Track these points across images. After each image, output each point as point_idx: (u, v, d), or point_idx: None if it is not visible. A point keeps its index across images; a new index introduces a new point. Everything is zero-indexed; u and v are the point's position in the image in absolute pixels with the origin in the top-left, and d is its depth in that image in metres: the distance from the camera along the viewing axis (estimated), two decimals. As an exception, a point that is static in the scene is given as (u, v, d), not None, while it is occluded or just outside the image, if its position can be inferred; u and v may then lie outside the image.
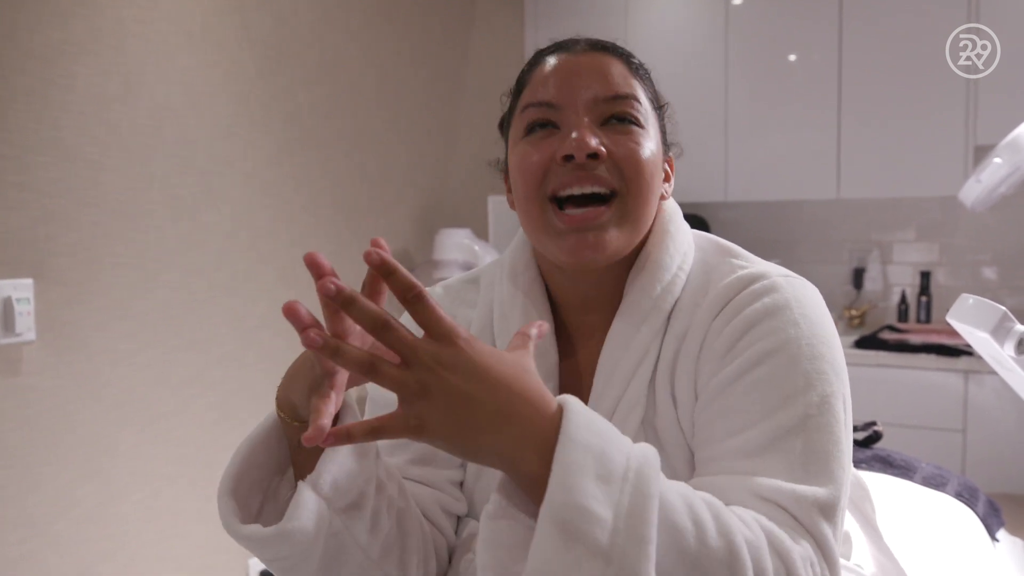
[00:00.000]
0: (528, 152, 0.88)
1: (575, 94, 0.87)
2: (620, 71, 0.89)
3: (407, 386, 0.61)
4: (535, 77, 0.91)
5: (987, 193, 1.87)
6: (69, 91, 1.95)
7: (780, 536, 0.68)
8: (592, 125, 0.86)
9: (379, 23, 2.99)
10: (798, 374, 0.78)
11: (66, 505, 1.96)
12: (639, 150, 0.87)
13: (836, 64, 3.28)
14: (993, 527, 1.60)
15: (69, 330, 1.96)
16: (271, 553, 0.76)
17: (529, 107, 0.89)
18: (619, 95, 0.87)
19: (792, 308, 0.82)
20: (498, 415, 0.62)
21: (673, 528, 0.63)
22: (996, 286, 3.37)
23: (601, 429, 0.64)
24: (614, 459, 0.62)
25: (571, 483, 0.60)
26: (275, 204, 2.55)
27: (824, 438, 0.76)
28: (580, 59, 0.90)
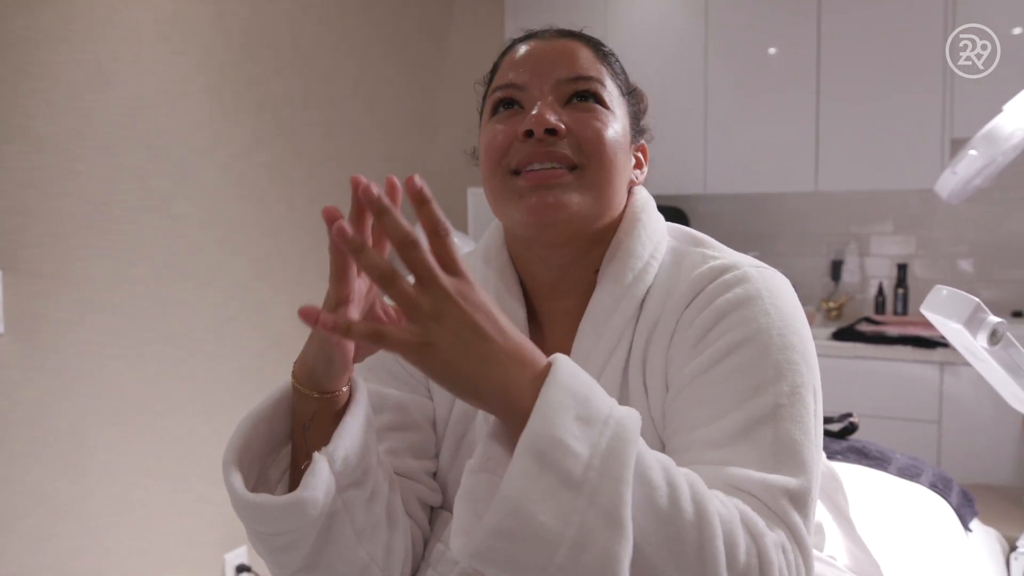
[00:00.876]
0: (494, 131, 0.90)
1: (540, 75, 0.89)
2: (587, 55, 0.91)
3: (421, 306, 0.61)
4: (505, 63, 0.93)
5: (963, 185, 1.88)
6: (40, 79, 1.92)
7: (754, 518, 0.69)
8: (555, 104, 0.88)
9: (356, 12, 2.96)
10: (769, 364, 0.78)
11: (39, 500, 1.93)
12: (601, 128, 0.87)
13: (815, 57, 3.28)
14: (966, 517, 1.61)
15: (40, 323, 1.93)
16: (276, 525, 0.75)
17: (497, 90, 0.91)
18: (583, 76, 0.89)
19: (763, 298, 0.82)
20: (503, 352, 0.64)
21: (648, 484, 0.64)
22: (972, 278, 3.39)
23: (588, 381, 0.66)
24: (597, 406, 0.65)
25: (552, 417, 0.62)
26: (249, 195, 2.52)
27: (794, 428, 0.75)
28: (548, 43, 0.92)
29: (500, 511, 0.60)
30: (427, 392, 0.97)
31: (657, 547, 0.64)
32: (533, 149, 0.85)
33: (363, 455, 0.78)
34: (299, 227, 2.71)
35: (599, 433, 0.63)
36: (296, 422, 0.80)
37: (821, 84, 3.28)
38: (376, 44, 3.07)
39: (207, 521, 2.37)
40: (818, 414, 0.80)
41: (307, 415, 0.78)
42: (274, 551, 0.79)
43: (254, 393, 2.53)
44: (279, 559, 0.80)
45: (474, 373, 0.63)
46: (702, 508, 0.65)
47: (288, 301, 2.66)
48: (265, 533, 0.77)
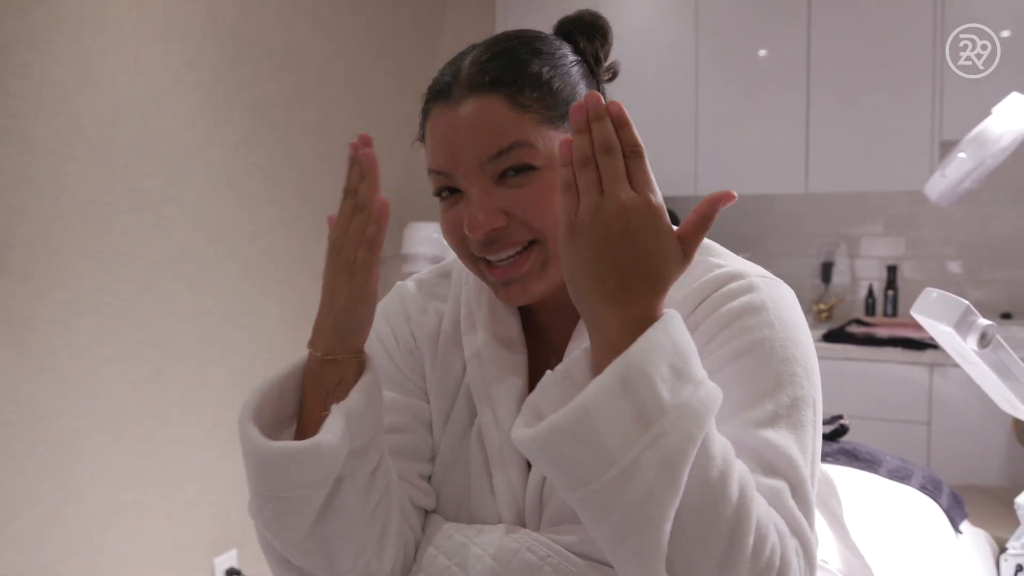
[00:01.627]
0: (444, 217, 0.88)
1: (459, 161, 0.83)
2: (500, 115, 0.82)
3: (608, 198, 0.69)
4: (428, 134, 0.88)
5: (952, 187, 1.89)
6: (26, 80, 1.90)
7: (781, 523, 0.70)
8: (487, 186, 0.83)
9: (347, 13, 2.96)
10: (769, 374, 0.78)
11: (27, 503, 1.92)
12: (542, 198, 0.82)
13: (805, 59, 3.29)
14: (956, 519, 1.61)
15: (29, 324, 1.92)
16: (291, 478, 0.77)
17: (430, 172, 0.88)
18: (502, 150, 0.81)
19: (768, 309, 0.82)
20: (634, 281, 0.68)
21: (706, 453, 0.65)
22: (961, 280, 3.41)
23: (691, 343, 0.69)
24: (694, 366, 0.67)
25: (649, 354, 0.65)
26: (239, 196, 2.51)
27: (792, 438, 0.75)
28: (457, 114, 0.83)
29: (571, 415, 0.64)
30: (423, 395, 0.97)
31: (691, 513, 0.65)
32: (484, 247, 0.84)
33: (369, 422, 0.81)
34: (290, 229, 2.70)
35: (686, 389, 0.65)
36: (316, 393, 0.82)
37: (811, 86, 3.29)
38: (367, 45, 3.06)
39: (197, 524, 2.36)
40: (817, 428, 0.79)
41: (333, 382, 0.81)
42: (281, 514, 0.79)
43: (244, 396, 2.51)
44: (284, 524, 0.80)
45: (601, 282, 0.68)
46: (746, 495, 0.66)
47: (279, 303, 2.65)
48: (278, 490, 0.78)
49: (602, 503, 0.64)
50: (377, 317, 1.01)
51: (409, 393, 0.97)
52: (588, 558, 0.82)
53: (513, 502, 0.88)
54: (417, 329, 0.99)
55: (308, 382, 0.83)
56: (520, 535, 0.84)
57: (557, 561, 0.81)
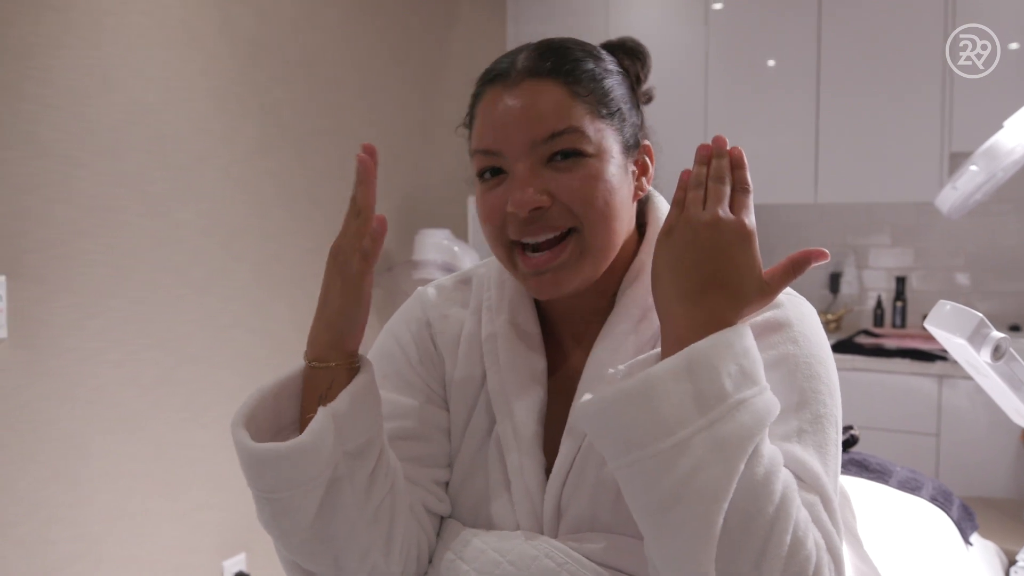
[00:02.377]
0: (484, 198, 0.88)
1: (511, 140, 0.85)
2: (557, 99, 0.84)
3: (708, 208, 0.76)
4: (478, 116, 0.90)
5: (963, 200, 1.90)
6: (44, 85, 1.92)
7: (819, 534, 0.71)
8: (535, 167, 0.84)
9: (359, 20, 2.97)
10: (794, 390, 0.79)
11: (35, 505, 1.93)
12: (588, 184, 0.84)
13: (814, 70, 3.30)
14: (967, 531, 1.61)
15: (41, 328, 1.93)
16: (281, 475, 0.78)
17: (476, 153, 0.89)
18: (556, 132, 0.84)
19: (793, 326, 0.83)
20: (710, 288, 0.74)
21: (757, 454, 0.68)
22: (969, 291, 3.41)
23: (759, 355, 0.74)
24: (760, 371, 0.72)
25: (720, 349, 0.70)
26: (250, 201, 2.52)
27: (815, 454, 0.76)
28: (514, 94, 0.85)
29: (637, 384, 0.69)
30: (442, 402, 0.98)
31: (734, 507, 0.67)
32: (524, 226, 0.85)
33: (365, 423, 0.82)
34: (301, 233, 2.71)
35: (750, 389, 0.70)
36: (311, 399, 0.83)
37: (821, 97, 3.30)
38: (379, 52, 3.08)
39: (206, 528, 2.37)
40: (838, 446, 0.80)
41: (324, 386, 0.83)
42: (279, 515, 0.80)
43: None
44: (283, 525, 0.81)
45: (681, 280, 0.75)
46: (788, 498, 0.68)
47: (288, 307, 2.66)
48: (270, 491, 0.79)
49: (653, 470, 0.67)
50: (398, 323, 1.02)
51: (427, 399, 0.97)
52: (606, 566, 0.82)
53: (531, 509, 0.88)
54: (437, 336, 1.00)
55: (305, 388, 0.85)
56: (539, 542, 0.85)
57: (575, 568, 0.82)
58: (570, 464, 0.87)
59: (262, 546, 2.55)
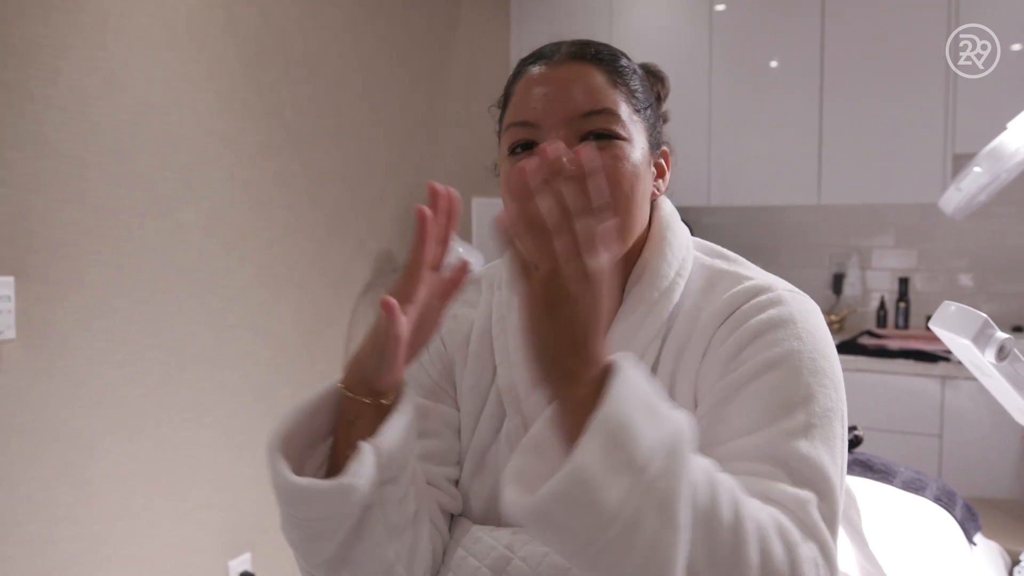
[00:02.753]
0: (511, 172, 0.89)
1: (550, 112, 0.87)
2: (598, 82, 0.88)
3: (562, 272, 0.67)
4: (517, 92, 0.91)
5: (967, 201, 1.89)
6: (50, 86, 1.93)
7: (789, 527, 0.70)
8: (569, 142, 0.85)
9: (364, 21, 2.98)
10: (800, 385, 0.80)
11: (41, 505, 1.94)
12: (617, 165, 0.86)
13: (818, 71, 3.31)
14: (970, 531, 1.61)
15: (48, 328, 1.94)
16: (318, 510, 0.78)
17: (511, 126, 0.90)
18: (594, 110, 0.86)
19: (796, 322, 0.84)
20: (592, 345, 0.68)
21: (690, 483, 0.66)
22: (972, 292, 3.41)
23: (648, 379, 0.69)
24: (661, 403, 0.68)
25: (625, 403, 0.65)
26: (255, 202, 2.53)
27: (824, 449, 0.77)
28: (557, 72, 0.89)
29: (568, 479, 0.63)
30: (453, 402, 0.99)
31: (693, 544, 0.66)
32: None
33: (404, 454, 0.81)
34: (305, 235, 2.72)
35: (664, 428, 0.66)
36: (341, 419, 0.83)
37: (824, 98, 3.30)
38: (383, 54, 3.08)
39: (211, 528, 2.37)
40: (844, 439, 0.81)
41: (353, 413, 0.82)
42: (307, 539, 0.81)
43: (257, 400, 2.53)
44: (311, 548, 0.82)
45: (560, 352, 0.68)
46: (740, 513, 0.67)
47: (292, 309, 2.66)
48: (304, 519, 0.79)
49: (612, 558, 0.64)
50: None
51: (438, 399, 0.98)
52: None
53: None
54: (447, 335, 1.01)
55: (340, 405, 0.84)
56: None
57: None
58: None
59: (267, 546, 2.56)
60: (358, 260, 2.99)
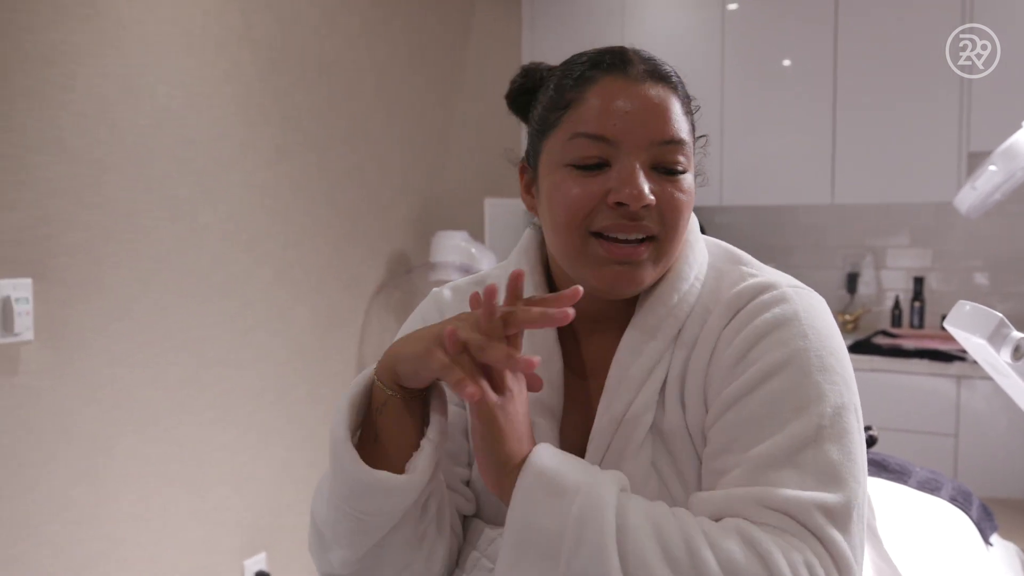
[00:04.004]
0: (574, 185, 0.86)
1: (632, 133, 0.84)
2: (677, 111, 0.87)
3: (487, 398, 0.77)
4: (589, 99, 0.86)
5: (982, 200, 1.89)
6: (69, 91, 1.95)
7: (757, 538, 0.71)
8: (646, 168, 0.85)
9: (378, 26, 3.00)
10: (809, 386, 0.79)
11: (61, 506, 1.96)
12: (679, 197, 0.86)
13: (831, 69, 3.30)
14: (987, 531, 1.61)
15: (67, 330, 1.96)
16: (383, 504, 0.80)
17: (581, 137, 0.86)
18: (674, 140, 0.85)
19: (801, 320, 0.83)
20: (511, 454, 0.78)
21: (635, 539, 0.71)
22: (987, 292, 3.39)
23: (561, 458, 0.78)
24: (565, 479, 0.75)
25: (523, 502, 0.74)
26: (272, 205, 2.55)
27: (835, 448, 0.77)
28: (640, 91, 0.86)
29: None
30: (460, 401, 0.99)
31: None
32: (622, 221, 0.84)
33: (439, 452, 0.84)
34: (321, 237, 2.74)
35: (570, 502, 0.72)
36: (372, 406, 0.84)
37: (837, 96, 3.29)
38: (397, 58, 3.10)
39: (227, 528, 2.39)
40: (860, 433, 0.80)
41: (380, 401, 0.83)
42: (357, 532, 0.84)
43: (275, 402, 2.55)
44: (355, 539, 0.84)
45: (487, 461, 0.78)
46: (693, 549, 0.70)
47: (309, 311, 2.68)
48: (363, 512, 0.82)
49: None
50: (414, 323, 1.03)
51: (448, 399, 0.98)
52: None
53: None
54: None
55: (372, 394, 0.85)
56: None
57: None
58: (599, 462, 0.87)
59: (283, 545, 2.58)
60: (372, 262, 3.00)
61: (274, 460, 2.56)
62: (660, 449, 0.87)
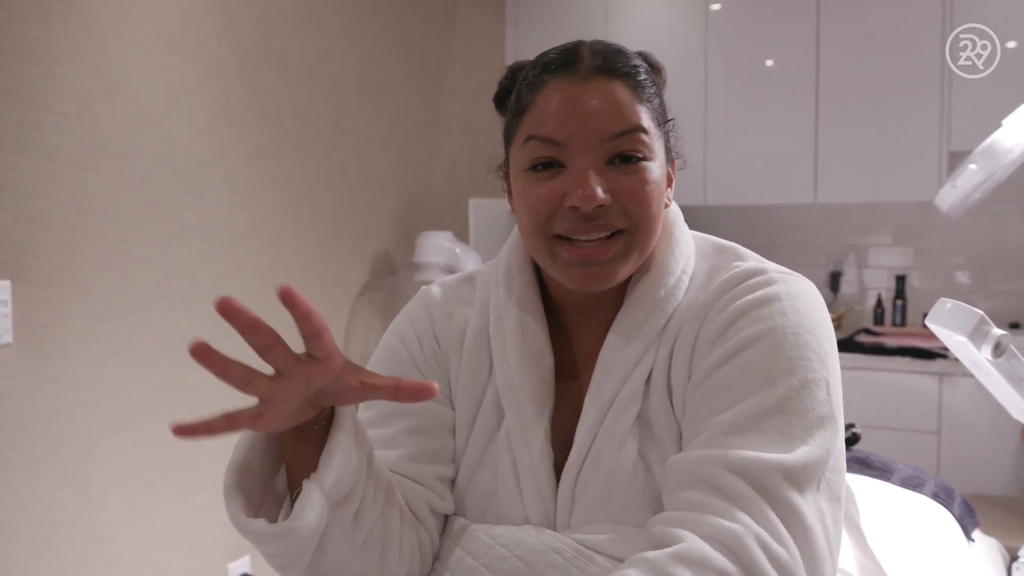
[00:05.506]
0: (533, 189, 0.87)
1: (580, 131, 0.84)
2: (626, 99, 0.85)
3: None
4: (539, 103, 0.87)
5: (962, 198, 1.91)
6: (50, 91, 1.93)
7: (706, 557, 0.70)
8: (598, 166, 0.84)
9: (361, 24, 2.99)
10: (781, 359, 0.80)
11: (45, 508, 1.94)
12: (646, 189, 0.85)
13: (813, 69, 3.32)
14: (969, 527, 1.62)
15: (47, 332, 1.94)
16: (275, 548, 0.79)
17: (533, 140, 0.86)
18: (625, 131, 0.84)
19: (782, 300, 0.84)
20: None
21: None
22: (969, 290, 3.42)
23: None
24: None
25: None
26: (253, 205, 2.54)
27: (800, 420, 0.77)
28: (585, 89, 0.85)
29: None
30: (447, 400, 0.98)
31: None
32: (579, 223, 0.84)
33: (353, 472, 0.80)
34: (304, 237, 2.73)
35: None
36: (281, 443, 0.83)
37: (820, 96, 3.31)
38: (380, 57, 3.09)
39: (211, 530, 2.38)
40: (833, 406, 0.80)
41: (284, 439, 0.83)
42: (280, 566, 0.84)
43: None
44: (285, 571, 0.84)
45: None
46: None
47: (292, 311, 2.67)
48: (266, 553, 0.82)
49: None
50: (402, 321, 1.03)
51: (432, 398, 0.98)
52: (614, 558, 0.83)
53: (540, 502, 0.89)
54: (442, 333, 1.00)
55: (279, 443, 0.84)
56: (546, 536, 0.86)
57: (583, 563, 0.83)
58: (586, 453, 0.88)
59: (267, 548, 2.57)
60: (355, 262, 2.99)
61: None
62: (647, 438, 0.87)
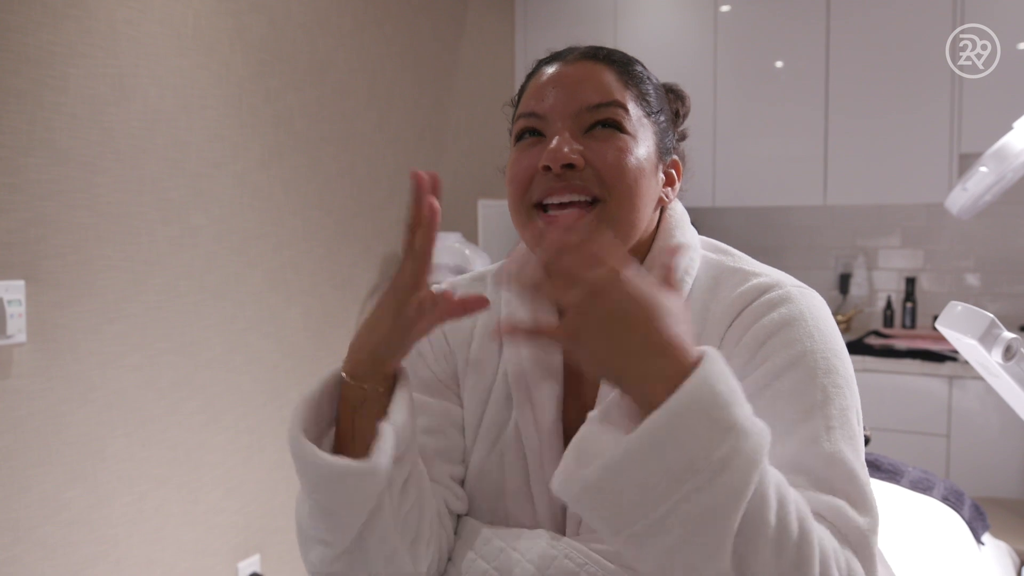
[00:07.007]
0: (515, 160, 0.91)
1: (560, 103, 0.88)
2: (610, 79, 0.90)
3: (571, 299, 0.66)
4: (529, 88, 0.93)
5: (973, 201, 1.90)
6: (61, 93, 1.95)
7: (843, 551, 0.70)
8: (574, 133, 0.87)
9: (370, 27, 3.00)
10: (816, 388, 0.80)
11: (54, 508, 1.95)
12: (621, 156, 0.86)
13: (823, 71, 3.31)
14: (978, 530, 1.62)
15: (60, 332, 1.96)
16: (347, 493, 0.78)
17: (520, 117, 0.92)
18: (603, 102, 0.88)
19: (807, 320, 0.84)
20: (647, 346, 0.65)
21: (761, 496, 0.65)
22: (978, 292, 3.41)
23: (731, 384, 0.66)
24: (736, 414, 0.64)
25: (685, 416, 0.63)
26: (264, 207, 2.55)
27: (847, 448, 0.77)
28: (570, 68, 0.91)
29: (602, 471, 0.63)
30: (456, 398, 0.99)
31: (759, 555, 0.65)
32: (552, 183, 0.86)
33: (407, 432, 0.82)
34: (313, 239, 2.73)
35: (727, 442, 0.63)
36: (345, 406, 0.83)
37: (830, 98, 3.31)
38: (389, 59, 3.10)
39: (220, 530, 2.39)
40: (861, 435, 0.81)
41: (357, 400, 0.82)
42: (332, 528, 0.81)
43: (267, 403, 2.55)
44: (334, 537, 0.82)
45: (616, 366, 0.66)
46: (806, 530, 0.67)
47: (301, 312, 2.68)
48: (331, 506, 0.79)
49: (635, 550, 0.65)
50: None
51: (442, 396, 0.98)
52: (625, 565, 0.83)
53: (550, 505, 0.89)
54: (451, 332, 1.01)
55: (342, 394, 0.84)
56: (559, 542, 0.86)
57: (595, 569, 0.83)
58: None
59: (276, 547, 2.58)
60: (364, 264, 3.00)
61: (267, 462, 2.55)
62: None
